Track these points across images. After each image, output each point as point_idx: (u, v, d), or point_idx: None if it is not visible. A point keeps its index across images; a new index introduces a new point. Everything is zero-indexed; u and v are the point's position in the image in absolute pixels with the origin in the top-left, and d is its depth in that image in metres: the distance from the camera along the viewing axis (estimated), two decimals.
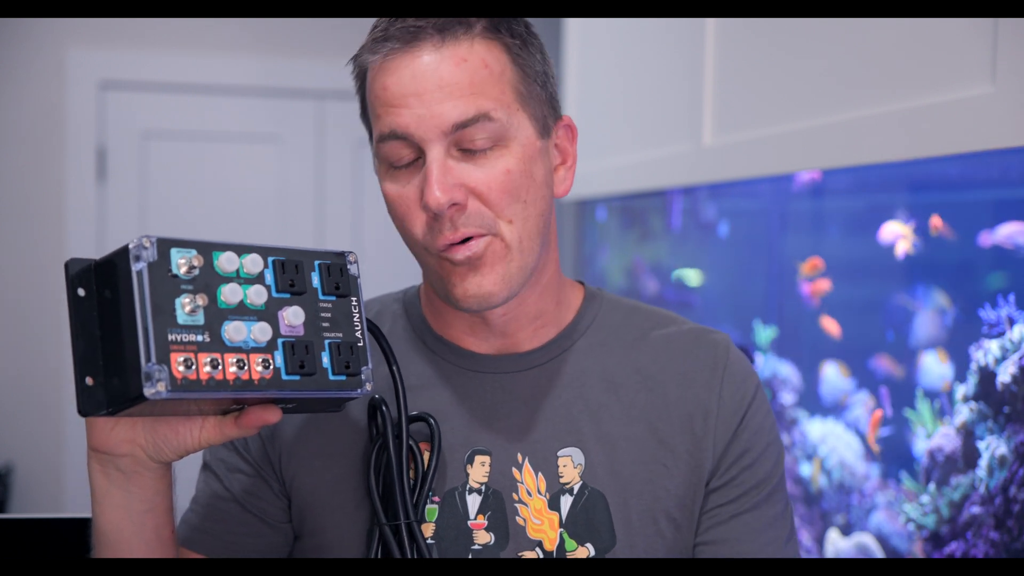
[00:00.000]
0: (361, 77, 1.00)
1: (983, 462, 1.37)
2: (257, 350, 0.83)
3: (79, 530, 1.01)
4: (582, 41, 2.61)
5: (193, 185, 3.38)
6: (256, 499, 1.05)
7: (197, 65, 3.35)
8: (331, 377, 0.87)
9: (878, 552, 1.61)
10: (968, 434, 1.41)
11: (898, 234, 1.65)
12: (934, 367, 1.64)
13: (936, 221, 1.48)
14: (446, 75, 0.93)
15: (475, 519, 1.00)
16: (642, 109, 2.27)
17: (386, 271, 3.56)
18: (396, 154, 0.96)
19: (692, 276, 2.35)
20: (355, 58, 1.00)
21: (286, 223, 3.44)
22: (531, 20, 1.02)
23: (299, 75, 3.39)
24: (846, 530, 1.70)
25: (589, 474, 1.00)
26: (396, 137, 0.94)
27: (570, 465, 1.00)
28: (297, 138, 3.45)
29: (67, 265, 0.83)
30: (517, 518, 0.99)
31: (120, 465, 0.89)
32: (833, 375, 1.77)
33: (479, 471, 1.01)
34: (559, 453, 1.00)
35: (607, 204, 2.76)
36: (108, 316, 0.82)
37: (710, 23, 1.93)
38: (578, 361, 1.04)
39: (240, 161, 3.42)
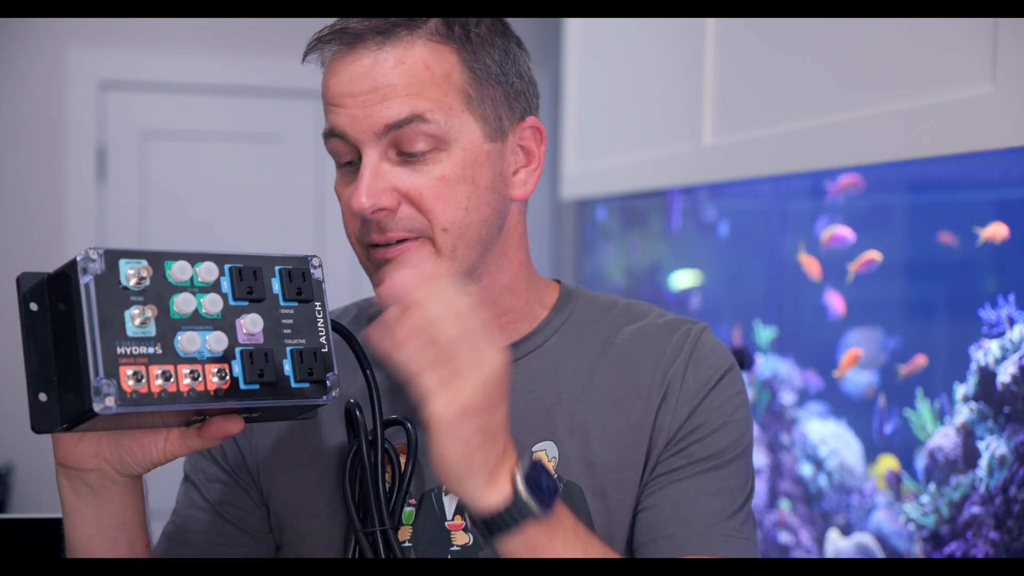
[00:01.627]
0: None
1: (983, 462, 1.37)
2: (213, 360, 0.82)
3: None
4: (582, 41, 2.61)
5: (193, 185, 3.38)
6: (235, 508, 1.04)
7: (197, 65, 3.35)
8: (293, 385, 0.85)
9: (878, 552, 1.61)
10: (968, 434, 1.41)
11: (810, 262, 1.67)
12: None
13: (999, 228, 1.43)
14: (380, 77, 0.93)
15: (452, 520, 0.99)
16: (642, 109, 2.27)
17: None
18: (339, 152, 0.97)
19: (682, 279, 2.35)
20: (307, 56, 1.00)
21: (286, 223, 3.44)
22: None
23: (299, 75, 3.38)
24: (846, 530, 1.70)
25: (563, 466, 0.98)
26: (335, 136, 0.96)
27: (544, 459, 0.99)
28: (297, 138, 3.45)
29: (19, 280, 0.82)
30: None
31: (88, 480, 0.89)
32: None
33: None
34: (534, 448, 0.99)
35: (607, 204, 2.76)
36: (62, 330, 0.80)
37: (710, 23, 1.93)
38: (552, 357, 1.03)
39: (240, 161, 3.42)
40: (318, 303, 0.89)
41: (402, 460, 0.99)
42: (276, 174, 3.44)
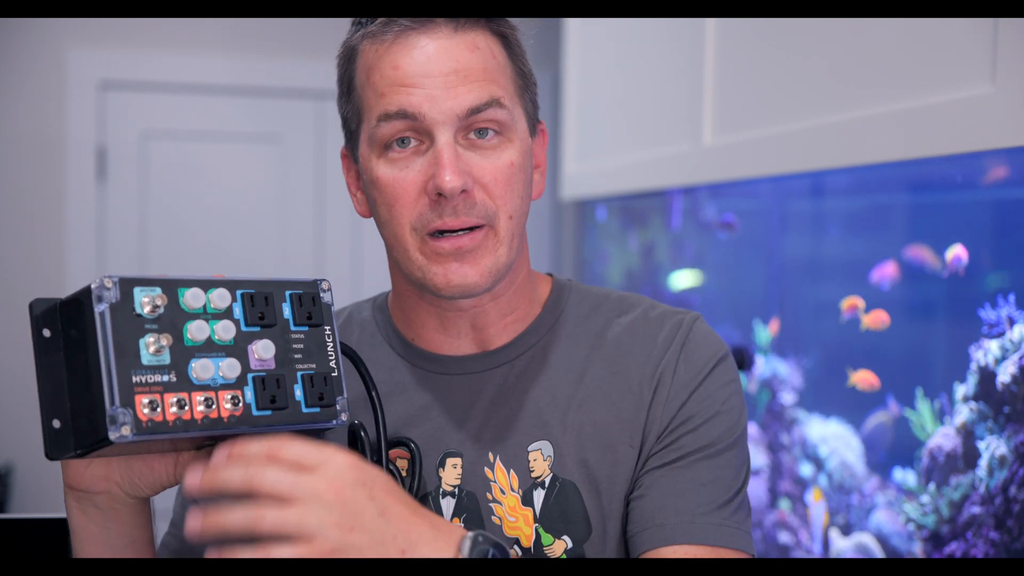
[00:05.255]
0: (348, 59, 1.00)
1: (983, 462, 1.37)
2: (226, 387, 0.82)
3: None
4: (582, 41, 2.61)
5: (193, 185, 3.38)
6: None
7: (197, 65, 3.35)
8: (304, 410, 0.86)
9: (878, 552, 1.61)
10: (968, 434, 1.41)
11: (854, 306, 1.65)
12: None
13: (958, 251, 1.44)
14: (462, 59, 0.94)
15: (451, 522, 0.99)
16: (642, 109, 2.27)
17: (385, 272, 3.56)
18: (394, 133, 0.94)
19: (682, 279, 2.35)
20: (353, 37, 0.98)
21: (286, 223, 3.44)
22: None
23: (299, 75, 3.39)
24: (846, 530, 1.70)
25: (558, 465, 0.99)
26: (404, 117, 0.93)
27: (540, 458, 0.99)
28: (297, 138, 3.45)
29: (31, 305, 0.82)
30: (493, 517, 0.99)
31: (97, 502, 0.89)
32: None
33: (451, 473, 1.00)
34: (529, 448, 0.99)
35: (607, 204, 2.76)
36: (75, 356, 0.80)
37: (710, 23, 1.93)
38: (546, 355, 1.03)
39: (240, 161, 3.42)
40: (327, 327, 0.89)
41: (401, 465, 0.99)
42: (276, 174, 3.44)
